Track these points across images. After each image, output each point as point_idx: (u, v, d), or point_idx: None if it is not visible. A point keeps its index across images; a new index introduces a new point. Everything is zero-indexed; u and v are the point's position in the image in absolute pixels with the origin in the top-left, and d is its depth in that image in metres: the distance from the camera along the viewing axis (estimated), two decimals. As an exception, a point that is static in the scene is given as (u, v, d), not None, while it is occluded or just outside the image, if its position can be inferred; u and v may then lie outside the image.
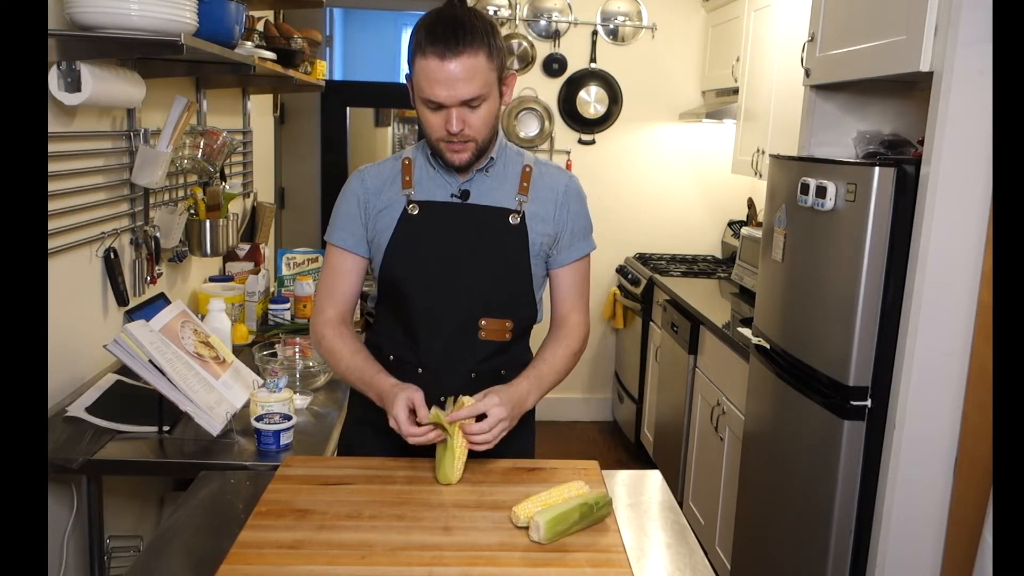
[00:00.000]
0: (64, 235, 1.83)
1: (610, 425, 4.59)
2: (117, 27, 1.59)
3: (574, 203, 1.60)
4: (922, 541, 1.92)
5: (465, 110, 1.41)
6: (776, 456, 2.34)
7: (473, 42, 1.37)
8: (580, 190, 1.63)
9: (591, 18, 4.26)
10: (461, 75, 1.37)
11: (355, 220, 1.57)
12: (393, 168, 1.58)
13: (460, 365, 1.55)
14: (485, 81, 1.40)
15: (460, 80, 1.37)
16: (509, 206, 1.54)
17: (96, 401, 1.82)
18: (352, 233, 1.58)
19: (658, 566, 1.27)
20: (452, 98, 1.39)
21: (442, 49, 1.36)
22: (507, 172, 1.57)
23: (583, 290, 1.65)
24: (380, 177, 1.58)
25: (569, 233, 1.59)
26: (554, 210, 1.57)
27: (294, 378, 2.04)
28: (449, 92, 1.38)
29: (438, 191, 1.55)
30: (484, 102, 1.42)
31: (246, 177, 3.20)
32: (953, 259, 1.81)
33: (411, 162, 1.57)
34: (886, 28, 1.96)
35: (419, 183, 1.55)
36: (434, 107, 1.42)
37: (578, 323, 1.63)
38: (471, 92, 1.39)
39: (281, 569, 1.14)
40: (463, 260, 1.52)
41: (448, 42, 1.36)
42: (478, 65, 1.38)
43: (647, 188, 4.44)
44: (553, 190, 1.58)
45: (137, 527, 2.15)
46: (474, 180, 1.55)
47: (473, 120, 1.43)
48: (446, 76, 1.37)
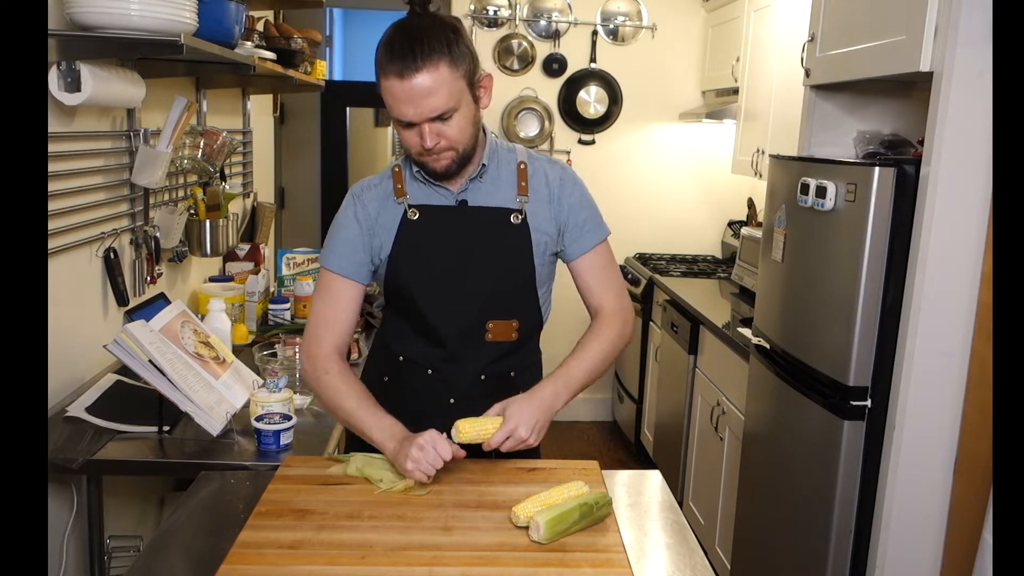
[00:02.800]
0: (64, 235, 1.83)
1: (610, 425, 4.59)
2: (117, 27, 1.60)
3: (570, 194, 1.56)
4: (922, 541, 1.92)
5: (437, 123, 1.39)
6: (776, 456, 2.34)
7: (431, 55, 1.33)
8: (575, 179, 1.58)
9: (591, 18, 4.26)
10: (423, 91, 1.33)
11: (355, 247, 1.53)
12: (388, 184, 1.55)
13: (468, 367, 1.54)
14: (450, 92, 1.36)
15: (423, 96, 1.34)
16: (510, 206, 1.53)
17: (96, 401, 1.82)
18: (351, 260, 1.53)
19: (658, 566, 1.27)
20: (419, 115, 1.36)
21: (400, 68, 1.32)
22: (501, 174, 1.54)
23: (609, 274, 1.60)
24: (377, 198, 1.54)
25: (574, 225, 1.56)
26: (550, 205, 1.55)
27: (294, 378, 2.04)
28: (415, 110, 1.36)
29: (433, 200, 1.52)
30: (455, 112, 1.39)
31: (246, 177, 3.20)
32: (953, 259, 1.81)
33: (400, 169, 1.55)
34: (886, 28, 1.96)
35: (412, 193, 1.53)
36: (405, 124, 1.40)
37: (613, 310, 1.58)
38: (437, 107, 1.36)
39: (281, 569, 1.14)
40: (466, 263, 1.51)
41: (405, 59, 1.32)
42: (440, 78, 1.34)
43: (647, 188, 4.44)
44: (547, 185, 1.55)
45: (137, 527, 2.15)
46: (469, 189, 1.52)
47: (448, 131, 1.40)
48: (408, 94, 1.34)
